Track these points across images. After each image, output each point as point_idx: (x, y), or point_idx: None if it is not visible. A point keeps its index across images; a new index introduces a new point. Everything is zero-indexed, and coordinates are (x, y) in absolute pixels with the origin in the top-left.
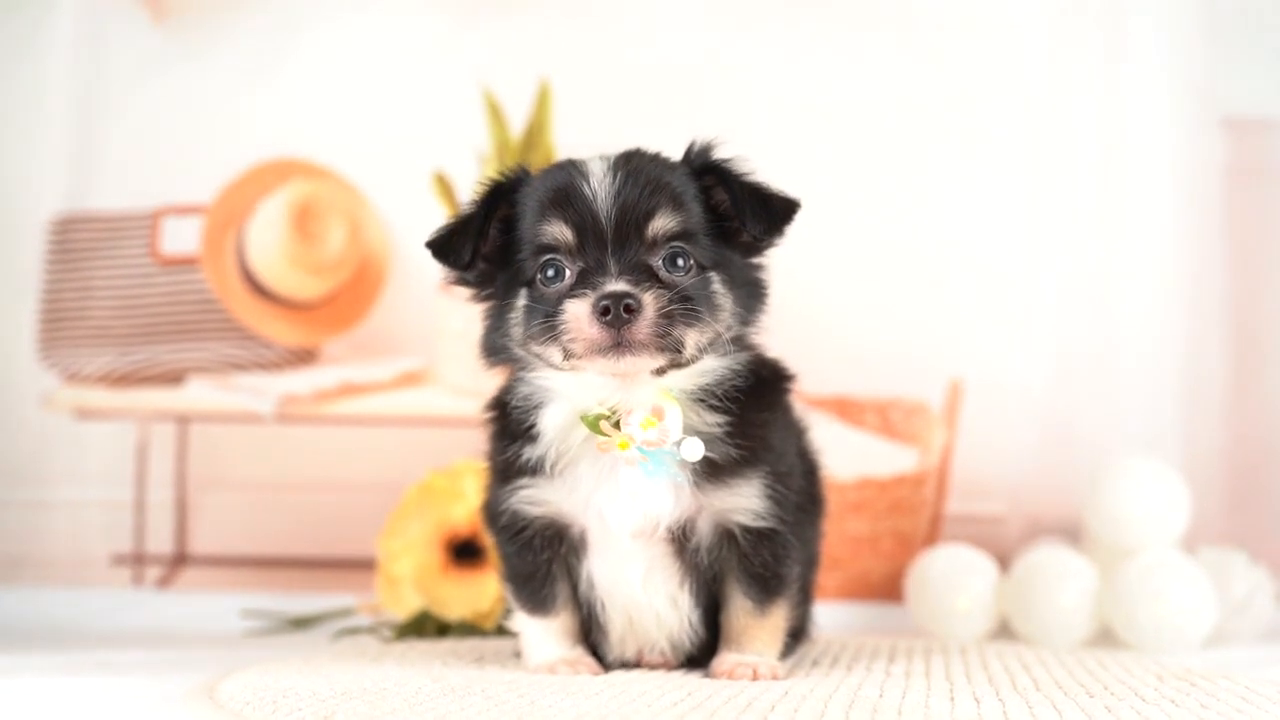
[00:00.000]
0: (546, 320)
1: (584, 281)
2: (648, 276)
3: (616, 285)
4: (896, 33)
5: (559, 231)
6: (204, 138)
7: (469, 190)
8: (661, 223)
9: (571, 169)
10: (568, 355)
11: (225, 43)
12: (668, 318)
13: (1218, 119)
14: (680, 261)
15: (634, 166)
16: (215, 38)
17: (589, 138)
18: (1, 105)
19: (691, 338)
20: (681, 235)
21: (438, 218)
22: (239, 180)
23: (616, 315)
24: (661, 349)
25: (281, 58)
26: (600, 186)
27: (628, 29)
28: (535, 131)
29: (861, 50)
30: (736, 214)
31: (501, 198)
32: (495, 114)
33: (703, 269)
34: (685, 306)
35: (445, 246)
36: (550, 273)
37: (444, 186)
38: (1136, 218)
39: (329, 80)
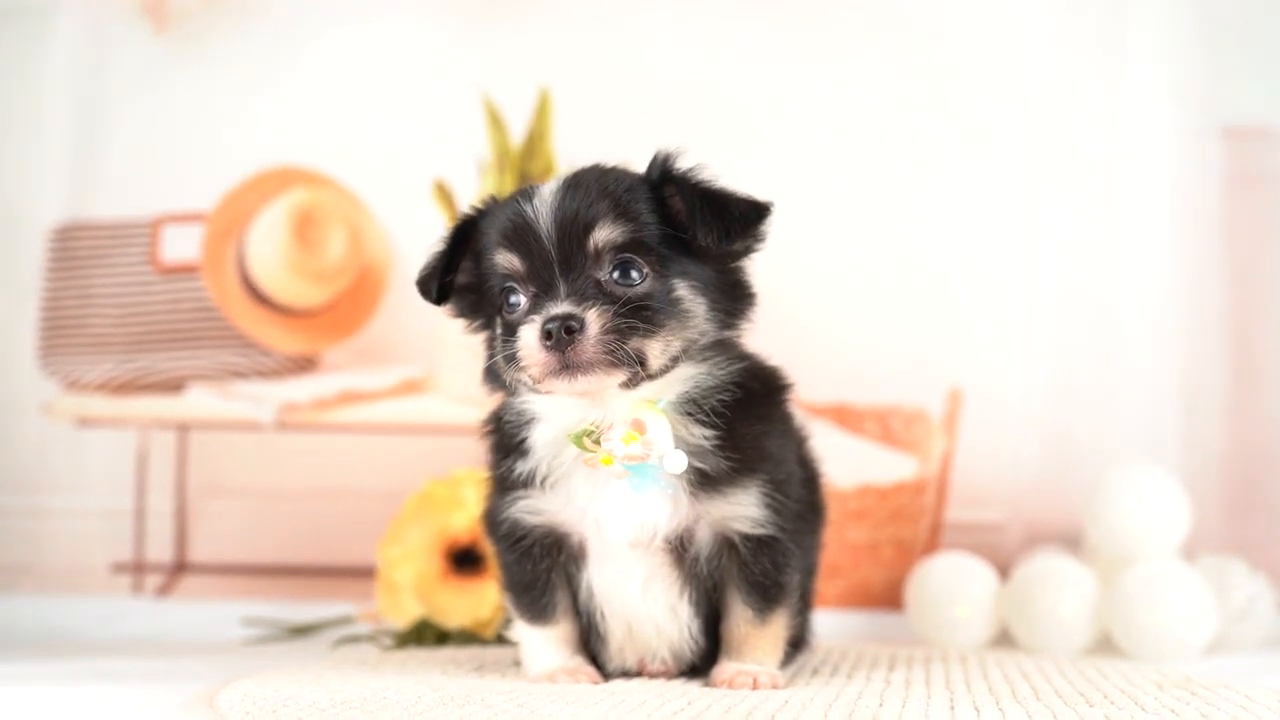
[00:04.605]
0: (507, 348)
1: (535, 306)
2: (596, 293)
3: (559, 308)
4: (897, 42)
5: (508, 260)
6: (204, 146)
7: (469, 197)
8: (603, 234)
9: (521, 195)
10: (531, 380)
11: (227, 51)
12: (618, 332)
13: (1217, 128)
14: (634, 273)
15: (578, 182)
16: (217, 46)
17: (589, 146)
18: (3, 113)
19: (655, 348)
20: (629, 245)
21: (438, 226)
22: (239, 188)
23: (559, 338)
24: (615, 364)
25: (282, 67)
26: (542, 208)
27: (627, 38)
28: (535, 140)
29: (862, 60)
30: (687, 223)
31: (470, 231)
32: (496, 122)
33: (664, 277)
34: (640, 317)
35: (421, 282)
36: (511, 300)
37: (444, 195)
38: (1136, 226)
39: (330, 89)
